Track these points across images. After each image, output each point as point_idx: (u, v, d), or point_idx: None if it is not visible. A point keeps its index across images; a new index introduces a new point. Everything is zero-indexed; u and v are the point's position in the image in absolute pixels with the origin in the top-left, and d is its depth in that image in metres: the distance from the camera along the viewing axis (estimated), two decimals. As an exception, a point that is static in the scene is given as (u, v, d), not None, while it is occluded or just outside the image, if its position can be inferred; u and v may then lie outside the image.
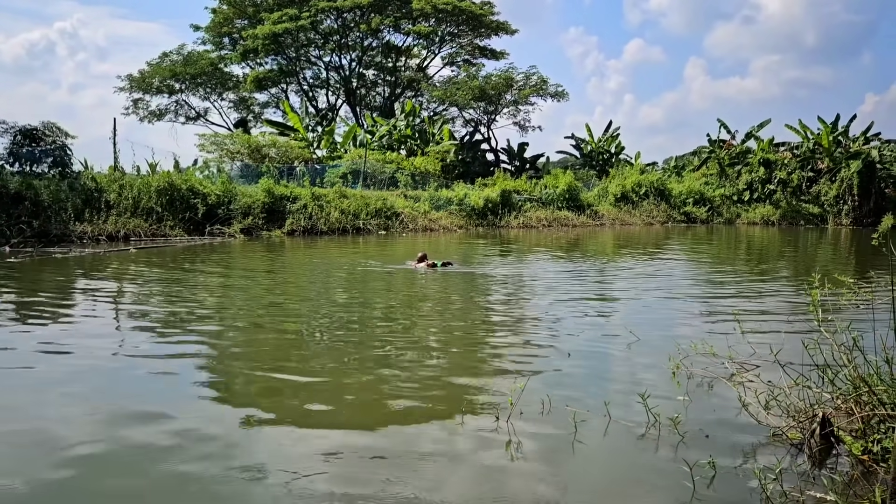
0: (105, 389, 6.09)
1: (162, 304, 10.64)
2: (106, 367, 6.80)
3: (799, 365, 5.17)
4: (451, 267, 14.98)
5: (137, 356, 7.19)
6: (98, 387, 6.17)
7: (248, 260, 17.97)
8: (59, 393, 5.92)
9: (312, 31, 53.11)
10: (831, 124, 40.81)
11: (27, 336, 8.18)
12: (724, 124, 45.19)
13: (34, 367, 6.72)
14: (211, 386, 6.20)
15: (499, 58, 57.70)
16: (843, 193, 38.33)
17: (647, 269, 16.36)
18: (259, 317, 9.60)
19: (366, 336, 8.28)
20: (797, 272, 15.79)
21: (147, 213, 23.77)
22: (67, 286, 12.85)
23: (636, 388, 5.55)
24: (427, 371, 6.69)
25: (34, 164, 24.10)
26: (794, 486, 4.04)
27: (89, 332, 8.51)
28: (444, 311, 10.20)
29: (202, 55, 56.42)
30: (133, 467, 4.37)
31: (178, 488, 4.07)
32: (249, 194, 26.62)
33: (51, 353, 7.30)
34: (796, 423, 4.85)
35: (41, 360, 7.01)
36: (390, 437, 4.89)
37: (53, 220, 21.57)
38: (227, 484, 4.11)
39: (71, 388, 6.06)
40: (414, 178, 35.94)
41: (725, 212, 40.55)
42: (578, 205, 37.57)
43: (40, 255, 17.62)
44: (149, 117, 59.64)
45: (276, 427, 5.10)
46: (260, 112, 61.70)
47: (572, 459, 4.61)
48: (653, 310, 10.39)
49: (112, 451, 4.63)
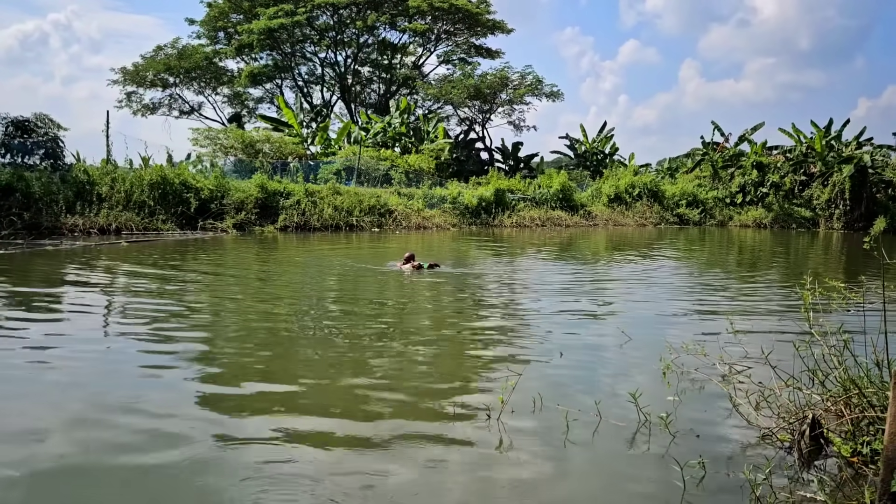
0: (91, 385, 6.04)
1: (151, 298, 10.58)
2: (93, 363, 6.76)
3: (790, 366, 5.18)
4: (438, 269, 14.17)
5: (125, 350, 7.16)
6: (84, 382, 6.12)
7: (234, 256, 17.91)
8: (46, 386, 5.89)
9: (308, 26, 52.94)
10: (824, 128, 40.96)
11: (16, 329, 8.11)
12: (718, 127, 45.32)
13: (21, 361, 6.67)
14: (199, 382, 6.15)
15: (494, 57, 57.70)
16: (834, 197, 38.48)
17: (640, 269, 16.39)
18: (247, 312, 9.57)
19: (354, 336, 8.26)
20: (789, 275, 15.86)
21: (139, 207, 23.64)
22: (58, 279, 12.77)
23: (627, 387, 5.55)
24: (417, 369, 6.68)
25: (26, 155, 23.94)
26: (784, 486, 4.06)
27: (77, 326, 8.46)
28: (434, 312, 10.19)
29: (197, 49, 56.13)
30: (116, 465, 4.34)
31: (158, 485, 4.05)
32: (242, 189, 26.52)
33: (38, 349, 7.25)
34: (786, 424, 4.87)
35: (28, 355, 6.96)
36: (380, 437, 4.87)
37: (45, 213, 21.42)
38: (215, 484, 4.09)
39: (57, 381, 6.03)
40: (408, 175, 35.89)
41: (718, 214, 40.64)
42: (572, 205, 37.59)
43: (31, 247, 17.51)
44: (142, 111, 59.31)
45: (263, 426, 5.07)
46: (254, 107, 61.47)
47: (563, 458, 4.61)
48: (644, 310, 10.41)
49: (98, 447, 4.60)
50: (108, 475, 4.18)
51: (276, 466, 4.27)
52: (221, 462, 4.33)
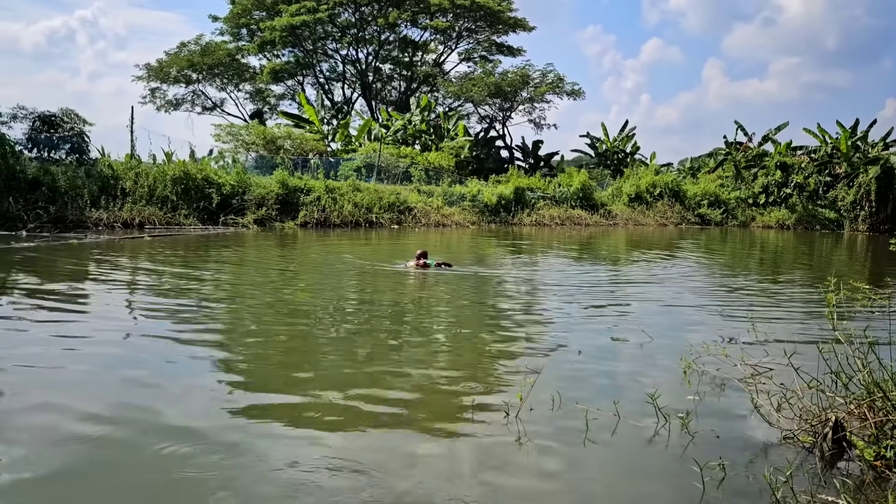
0: (112, 377, 6.13)
1: (173, 293, 10.70)
2: (114, 355, 6.84)
3: (812, 369, 5.12)
4: (448, 269, 13.26)
5: (145, 344, 7.26)
6: (106, 374, 6.20)
7: (255, 251, 18.05)
8: (68, 377, 5.98)
9: (330, 23, 53.22)
10: (850, 129, 40.35)
11: (40, 320, 8.24)
12: (742, 126, 44.76)
13: (45, 352, 6.78)
14: (218, 378, 6.21)
15: (515, 55, 57.61)
16: (860, 199, 37.91)
17: (661, 270, 16.28)
18: (267, 309, 9.65)
19: (372, 331, 8.30)
20: (812, 276, 15.66)
21: (162, 202, 23.92)
22: (82, 272, 12.95)
23: (647, 387, 5.52)
24: (435, 365, 6.69)
25: (52, 150, 24.34)
26: (805, 489, 4.02)
27: (100, 317, 8.57)
28: (451, 310, 10.20)
29: (220, 46, 56.66)
30: (135, 460, 4.40)
31: (175, 481, 4.10)
32: (263, 185, 26.73)
33: (61, 337, 7.36)
34: (808, 426, 4.81)
35: (52, 344, 7.07)
36: (398, 432, 4.89)
37: (70, 207, 21.77)
38: (231, 480, 4.13)
39: (80, 371, 6.12)
40: (427, 173, 35.94)
41: (740, 214, 40.19)
42: (592, 204, 37.41)
43: (56, 240, 17.78)
44: (165, 107, 60.06)
45: (279, 421, 5.11)
46: (276, 104, 61.95)
47: (581, 457, 4.60)
48: (666, 311, 10.33)
49: (116, 440, 4.67)
50: (135, 464, 4.24)
51: (299, 457, 4.31)
52: (248, 451, 4.38)
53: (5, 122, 23.73)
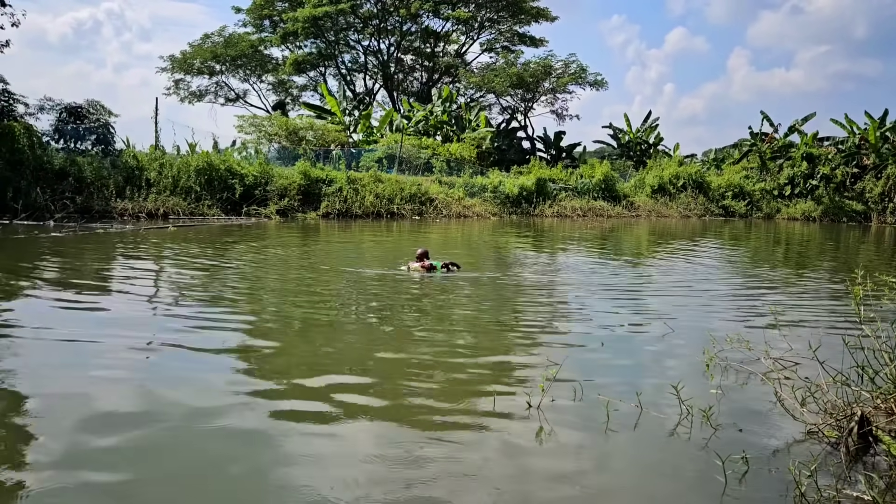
0: (135, 369, 6.22)
1: (196, 283, 10.82)
2: (136, 348, 6.94)
3: (838, 362, 5.06)
4: (456, 271, 12.00)
5: (168, 336, 7.35)
6: (128, 365, 6.29)
7: (276, 241, 18.18)
8: (92, 366, 6.08)
9: (352, 14, 53.15)
10: (879, 119, 39.57)
11: (66, 308, 8.39)
12: (767, 117, 44.09)
13: (71, 341, 6.90)
14: (240, 373, 6.28)
15: (538, 45, 57.13)
16: (888, 191, 37.24)
17: (685, 261, 16.14)
18: (289, 300, 9.73)
19: (394, 324, 8.34)
20: (838, 270, 15.43)
21: (186, 192, 24.18)
22: (108, 261, 13.15)
23: (669, 379, 5.48)
24: (457, 356, 6.71)
25: (78, 141, 24.67)
26: (830, 484, 3.97)
27: (124, 307, 8.70)
28: (472, 301, 10.20)
29: (242, 37, 56.89)
30: (156, 453, 4.47)
31: (200, 478, 4.17)
32: (286, 176, 26.89)
33: (85, 327, 7.49)
34: (833, 420, 4.75)
35: (77, 334, 7.19)
36: (420, 423, 4.91)
37: (96, 197, 22.11)
38: (254, 476, 4.19)
39: (102, 361, 6.22)
40: (449, 164, 35.87)
41: (765, 206, 39.62)
42: (614, 195, 37.12)
43: (83, 230, 18.06)
44: (189, 98, 60.47)
45: (300, 412, 5.16)
46: (298, 95, 62.13)
47: (603, 448, 4.60)
48: (688, 303, 10.24)
49: (141, 433, 4.75)
50: (170, 448, 4.31)
51: (320, 446, 4.37)
52: (271, 440, 4.44)
53: (33, 114, 24.16)
